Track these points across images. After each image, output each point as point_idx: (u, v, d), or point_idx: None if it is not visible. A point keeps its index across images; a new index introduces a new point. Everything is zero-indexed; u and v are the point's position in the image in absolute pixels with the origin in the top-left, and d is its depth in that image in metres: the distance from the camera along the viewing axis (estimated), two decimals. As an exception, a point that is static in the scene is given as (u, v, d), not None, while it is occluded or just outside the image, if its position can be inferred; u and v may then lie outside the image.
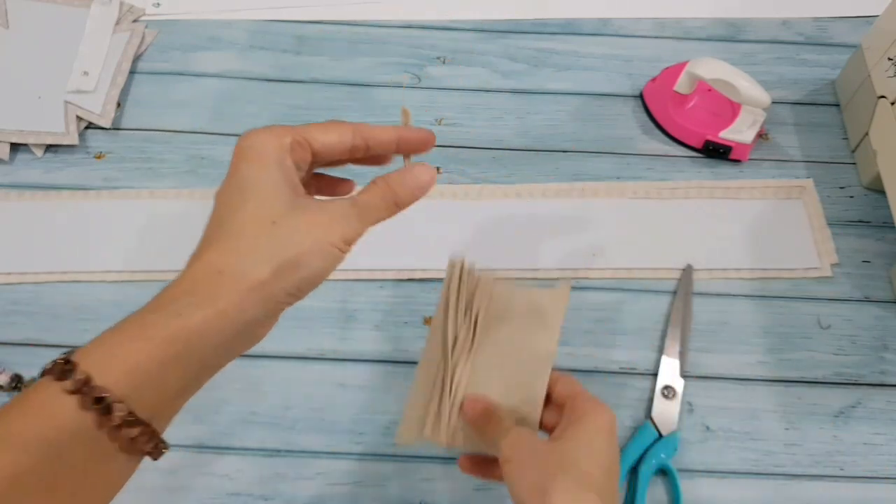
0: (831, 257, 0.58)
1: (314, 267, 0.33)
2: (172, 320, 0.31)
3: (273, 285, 0.32)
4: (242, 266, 0.32)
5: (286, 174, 0.34)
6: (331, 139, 0.36)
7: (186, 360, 0.31)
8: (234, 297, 0.32)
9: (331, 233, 0.34)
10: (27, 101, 0.64)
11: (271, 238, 0.33)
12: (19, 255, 0.57)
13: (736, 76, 0.58)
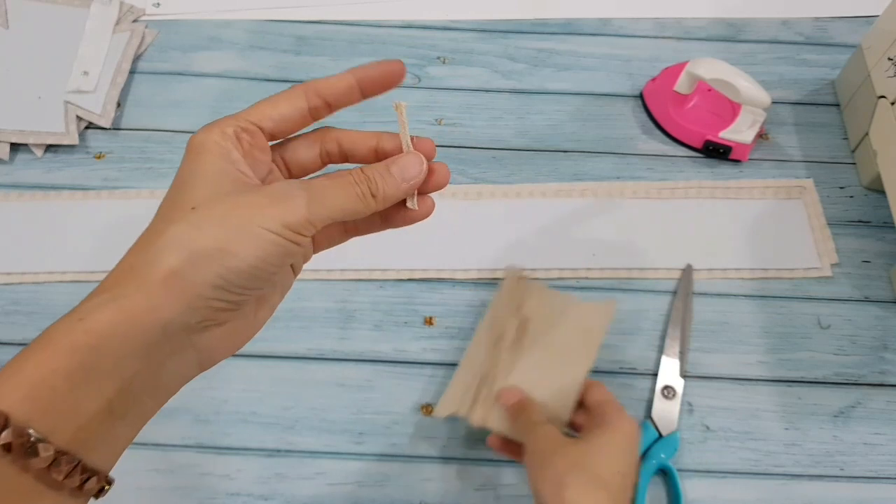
0: (831, 257, 0.58)
1: (243, 255, 0.28)
2: (76, 325, 0.27)
3: (189, 277, 0.27)
4: (151, 257, 0.28)
5: (227, 164, 0.30)
6: (281, 110, 0.32)
7: (98, 372, 0.27)
8: (141, 292, 0.27)
9: (265, 215, 0.29)
10: (27, 101, 0.64)
11: (188, 224, 0.28)
12: (19, 255, 0.57)
13: (736, 76, 0.58)
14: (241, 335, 0.32)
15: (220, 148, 0.30)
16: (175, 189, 0.30)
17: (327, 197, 0.30)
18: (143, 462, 0.49)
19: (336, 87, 0.34)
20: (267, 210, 0.29)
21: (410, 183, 0.32)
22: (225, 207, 0.29)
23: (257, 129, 0.31)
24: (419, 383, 0.53)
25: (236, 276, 0.28)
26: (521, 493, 0.49)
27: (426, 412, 0.52)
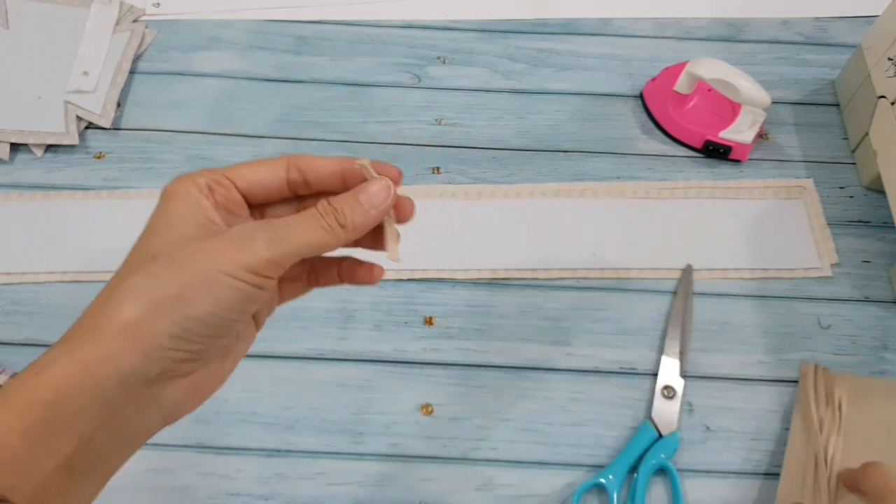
0: (831, 257, 0.58)
1: (200, 303, 0.27)
2: (32, 380, 0.26)
3: (145, 326, 0.27)
4: (109, 308, 0.27)
5: (195, 210, 0.30)
6: (259, 174, 0.32)
7: (55, 428, 0.26)
8: (96, 343, 0.27)
9: (224, 259, 0.28)
10: (27, 101, 0.64)
11: (146, 273, 0.28)
12: (19, 255, 0.57)
13: (736, 76, 0.58)
14: (205, 387, 0.31)
15: (189, 196, 0.30)
16: (141, 238, 0.30)
17: (291, 233, 0.29)
18: (143, 462, 0.49)
19: (320, 169, 0.33)
20: (226, 253, 0.28)
21: (379, 209, 0.32)
22: (184, 254, 0.28)
23: (231, 184, 0.31)
24: (419, 383, 0.53)
25: (194, 325, 0.28)
26: (521, 493, 0.49)
27: (426, 412, 0.52)
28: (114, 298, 0.28)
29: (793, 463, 0.48)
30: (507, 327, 0.55)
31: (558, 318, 0.55)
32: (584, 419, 0.51)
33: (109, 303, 0.28)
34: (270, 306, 0.35)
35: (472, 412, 0.52)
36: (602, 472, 0.49)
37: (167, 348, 0.27)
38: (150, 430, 0.30)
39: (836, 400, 0.50)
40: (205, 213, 0.30)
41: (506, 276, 0.56)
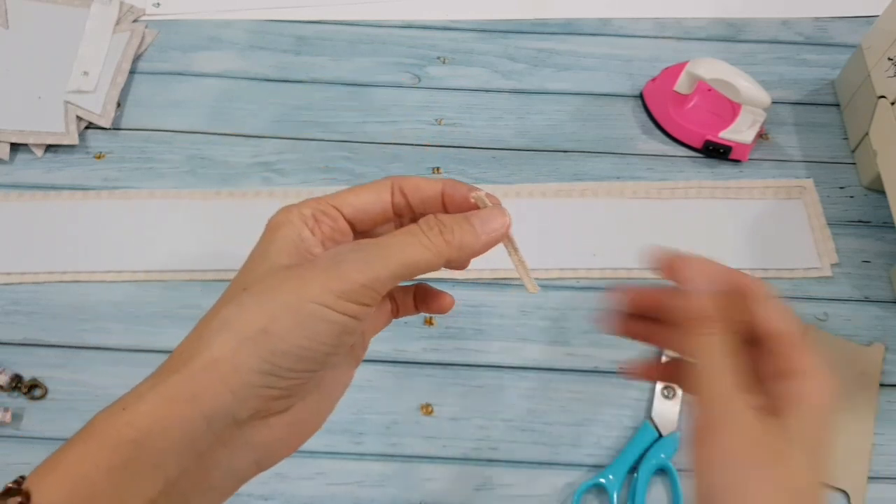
0: (831, 257, 0.58)
1: (290, 336, 0.25)
2: (119, 416, 0.25)
3: (231, 362, 0.25)
4: (199, 343, 0.26)
5: (295, 241, 0.28)
6: (364, 200, 0.30)
7: (141, 469, 0.25)
8: (183, 380, 0.25)
9: (312, 286, 0.26)
10: (27, 101, 0.64)
11: (236, 305, 0.26)
12: (19, 255, 0.57)
13: (736, 76, 0.58)
14: (304, 427, 0.29)
15: (292, 227, 0.28)
16: (240, 271, 0.29)
17: (386, 252, 0.27)
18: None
19: (423, 191, 0.31)
20: (317, 280, 0.26)
21: (491, 235, 0.30)
22: (273, 283, 0.26)
23: (338, 213, 0.29)
24: (419, 383, 0.53)
25: (284, 360, 0.26)
26: (520, 493, 0.49)
27: (426, 412, 0.52)
28: (206, 332, 0.26)
29: None
30: (507, 327, 0.55)
31: (558, 318, 0.55)
32: (584, 419, 0.51)
33: (200, 337, 0.26)
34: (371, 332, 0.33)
35: (472, 412, 0.52)
36: (602, 472, 0.49)
37: (257, 385, 0.26)
38: (243, 476, 0.28)
39: None
40: (305, 245, 0.28)
41: (506, 276, 0.56)
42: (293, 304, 0.26)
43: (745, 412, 0.28)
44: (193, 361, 0.26)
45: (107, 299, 0.55)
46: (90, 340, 0.54)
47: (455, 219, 0.29)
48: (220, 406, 0.25)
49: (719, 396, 0.28)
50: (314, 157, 0.62)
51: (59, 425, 0.51)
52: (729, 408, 0.28)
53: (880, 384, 0.53)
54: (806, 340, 0.31)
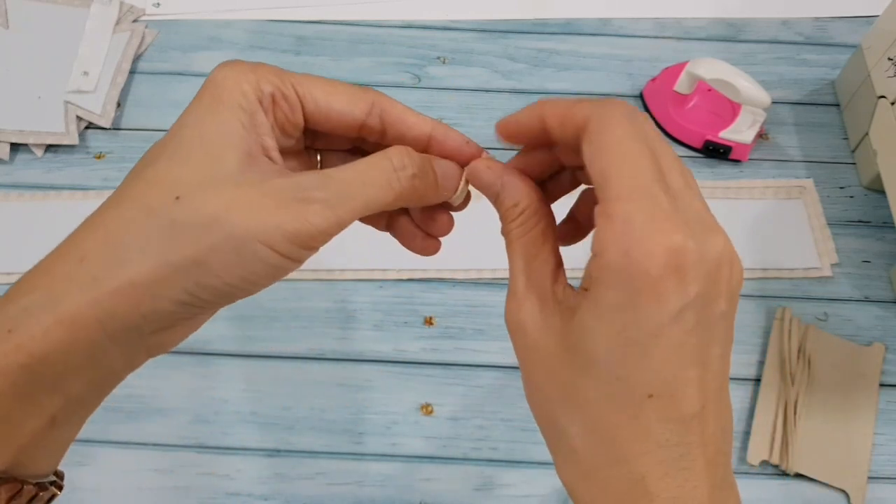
0: (831, 257, 0.58)
1: (223, 273, 0.22)
2: (6, 339, 0.23)
3: (150, 290, 0.22)
4: (109, 255, 0.23)
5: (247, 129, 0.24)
6: (334, 106, 0.26)
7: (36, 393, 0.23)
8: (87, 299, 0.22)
9: (264, 223, 0.22)
10: (27, 101, 0.64)
11: (168, 221, 0.22)
12: (19, 255, 0.57)
13: (736, 76, 0.58)
14: (196, 326, 0.27)
15: (246, 103, 0.24)
16: (167, 148, 0.24)
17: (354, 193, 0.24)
18: (143, 462, 0.49)
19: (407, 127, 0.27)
20: (272, 217, 0.22)
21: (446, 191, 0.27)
22: (219, 204, 0.22)
23: (299, 103, 0.25)
24: (419, 383, 0.53)
25: (207, 294, 0.23)
26: (520, 493, 0.49)
27: (426, 412, 0.52)
28: (118, 243, 0.23)
29: (764, 414, 0.51)
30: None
31: (558, 318, 0.55)
32: (584, 419, 0.51)
33: (110, 247, 0.23)
34: None
35: (472, 412, 0.52)
36: (602, 472, 0.49)
37: (172, 312, 0.23)
38: (135, 368, 0.26)
39: (806, 355, 0.52)
40: (258, 136, 0.24)
41: (506, 276, 0.56)
42: (239, 239, 0.22)
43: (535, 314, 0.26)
44: (103, 280, 0.23)
45: (107, 299, 0.55)
46: None
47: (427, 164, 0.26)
48: (127, 325, 0.23)
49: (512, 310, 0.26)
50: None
51: (59, 425, 0.51)
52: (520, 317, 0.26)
53: (880, 384, 0.53)
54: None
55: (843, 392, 0.52)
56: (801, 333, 0.54)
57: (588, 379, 0.22)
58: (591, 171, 0.24)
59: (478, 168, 0.29)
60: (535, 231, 0.28)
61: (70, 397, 0.24)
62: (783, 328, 0.54)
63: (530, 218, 0.28)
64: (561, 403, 0.23)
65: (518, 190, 0.29)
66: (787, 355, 0.52)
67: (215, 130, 0.24)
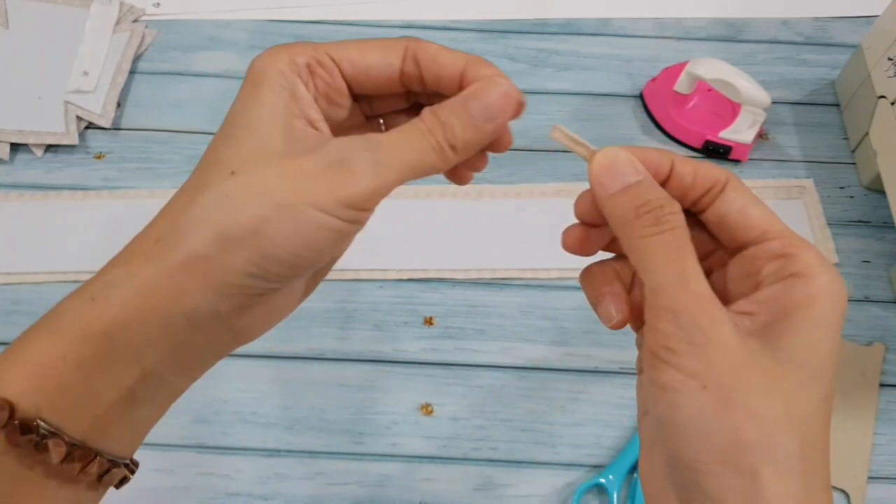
0: (831, 257, 0.58)
1: (284, 242, 0.23)
2: (87, 307, 0.24)
3: (216, 262, 0.23)
4: (177, 232, 0.24)
5: (289, 105, 0.24)
6: (369, 60, 0.25)
7: (115, 362, 0.24)
8: (161, 275, 0.23)
9: (317, 189, 0.23)
10: (27, 101, 0.64)
11: (221, 195, 0.23)
12: (19, 255, 0.57)
13: (736, 76, 0.58)
14: (283, 309, 0.27)
15: (284, 81, 0.24)
16: (220, 137, 0.25)
17: (396, 157, 0.24)
18: (143, 462, 0.49)
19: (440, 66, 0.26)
20: (319, 181, 0.23)
21: (495, 123, 0.25)
22: (269, 175, 0.23)
23: (335, 67, 0.25)
24: (419, 383, 0.53)
25: (274, 265, 0.24)
26: (520, 493, 0.49)
27: (426, 412, 0.52)
28: (184, 221, 0.24)
29: None
30: (507, 327, 0.55)
31: (558, 318, 0.55)
32: (584, 419, 0.51)
33: (179, 225, 0.24)
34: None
35: (472, 412, 0.52)
36: (602, 472, 0.49)
37: (242, 285, 0.24)
38: (222, 353, 0.27)
39: None
40: (301, 110, 0.24)
41: (506, 276, 0.57)
42: (292, 206, 0.23)
43: (727, 327, 0.22)
44: (171, 254, 0.23)
45: (107, 299, 0.55)
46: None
47: (455, 112, 0.25)
48: (201, 304, 0.24)
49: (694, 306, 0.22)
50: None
51: (59, 425, 0.51)
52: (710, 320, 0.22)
53: (880, 384, 0.53)
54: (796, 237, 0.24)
55: (843, 392, 0.52)
56: None
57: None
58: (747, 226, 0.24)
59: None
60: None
61: (147, 371, 0.24)
62: None
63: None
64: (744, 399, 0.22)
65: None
66: None
67: (259, 111, 0.24)
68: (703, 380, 0.22)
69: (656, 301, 0.23)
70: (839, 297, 0.23)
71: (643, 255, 0.24)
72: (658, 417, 0.23)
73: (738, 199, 0.25)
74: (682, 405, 0.22)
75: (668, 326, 0.23)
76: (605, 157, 0.25)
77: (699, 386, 0.22)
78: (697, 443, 0.22)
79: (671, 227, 0.24)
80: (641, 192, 0.24)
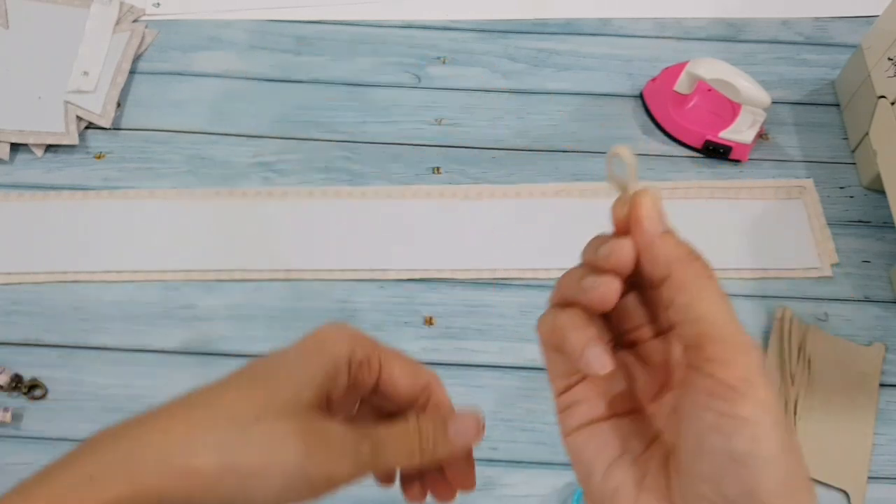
0: (831, 257, 0.58)
1: (268, 492, 0.26)
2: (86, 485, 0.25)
3: (210, 481, 0.25)
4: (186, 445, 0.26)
5: (327, 379, 0.28)
6: (402, 376, 0.30)
7: None
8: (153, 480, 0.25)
9: (314, 460, 0.26)
10: (27, 101, 0.64)
11: (239, 433, 0.26)
12: (19, 255, 0.57)
13: (736, 76, 0.58)
14: None
15: (337, 360, 0.28)
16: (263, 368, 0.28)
17: (388, 451, 0.29)
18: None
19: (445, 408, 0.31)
20: (323, 455, 0.27)
21: (465, 442, 0.30)
22: (273, 430, 0.26)
23: (378, 371, 0.29)
24: (419, 383, 0.53)
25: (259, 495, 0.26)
26: (521, 493, 0.49)
27: (426, 412, 0.52)
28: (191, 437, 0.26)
29: None
30: (507, 327, 0.55)
31: (558, 318, 0.55)
32: (584, 419, 0.51)
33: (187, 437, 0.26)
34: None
35: (472, 412, 0.52)
36: (602, 472, 0.49)
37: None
38: None
39: (806, 355, 0.52)
40: (335, 388, 0.28)
41: (506, 276, 0.56)
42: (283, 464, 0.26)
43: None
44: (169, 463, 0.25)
45: (107, 299, 0.55)
46: (90, 340, 0.54)
47: (437, 429, 0.29)
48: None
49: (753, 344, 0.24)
50: (314, 157, 0.62)
51: (58, 425, 0.51)
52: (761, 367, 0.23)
53: (880, 384, 0.53)
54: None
55: (843, 392, 0.52)
56: (802, 333, 0.53)
57: None
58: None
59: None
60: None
61: None
62: (783, 328, 0.54)
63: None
64: None
65: None
66: (787, 355, 0.52)
67: (304, 371, 0.27)
68: (776, 416, 0.23)
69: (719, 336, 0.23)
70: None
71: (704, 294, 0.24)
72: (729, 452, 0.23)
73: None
74: (762, 440, 0.22)
75: (743, 358, 0.23)
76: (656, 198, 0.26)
77: (773, 422, 0.22)
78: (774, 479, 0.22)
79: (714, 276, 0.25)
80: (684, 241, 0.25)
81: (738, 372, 0.23)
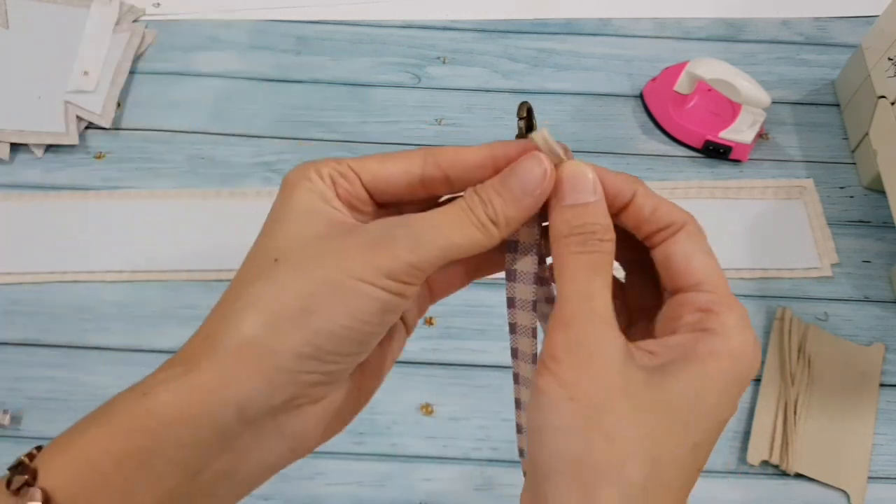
0: (831, 257, 0.58)
1: (333, 314, 0.23)
2: (138, 401, 0.23)
3: (269, 345, 0.23)
4: (227, 323, 0.24)
5: (321, 203, 0.25)
6: (389, 170, 0.26)
7: (157, 460, 0.23)
8: (211, 366, 0.23)
9: (359, 263, 0.23)
10: (27, 101, 0.64)
11: (267, 281, 0.24)
12: (19, 255, 0.57)
13: (736, 76, 0.58)
14: (341, 414, 0.27)
15: (313, 185, 0.26)
16: (261, 236, 0.26)
17: (436, 233, 0.24)
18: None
19: (464, 160, 0.26)
20: (360, 255, 0.24)
21: (535, 195, 0.25)
22: (311, 256, 0.24)
23: (356, 176, 0.26)
24: (419, 383, 0.53)
25: (326, 341, 0.23)
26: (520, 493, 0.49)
27: (426, 412, 0.52)
28: (232, 312, 0.24)
29: (765, 413, 0.51)
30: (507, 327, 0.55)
31: (558, 318, 0.55)
32: (584, 419, 0.51)
33: (227, 317, 0.24)
34: (421, 309, 0.30)
35: (472, 412, 0.52)
36: (602, 472, 0.49)
37: (295, 371, 0.23)
38: (274, 466, 0.26)
39: (806, 355, 0.53)
40: (330, 205, 0.26)
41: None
42: (336, 280, 0.23)
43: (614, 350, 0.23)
44: (222, 344, 0.23)
45: (107, 299, 0.55)
46: (91, 340, 0.54)
47: (495, 189, 0.25)
48: (253, 395, 0.23)
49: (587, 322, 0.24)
50: (314, 157, 0.61)
51: (59, 425, 0.51)
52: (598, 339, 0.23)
53: (880, 384, 0.53)
54: (731, 298, 0.25)
55: (843, 392, 0.52)
56: (802, 333, 0.54)
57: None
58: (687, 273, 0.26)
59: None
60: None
61: (189, 472, 0.24)
62: (783, 328, 0.54)
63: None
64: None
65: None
66: (787, 355, 0.52)
67: (297, 210, 0.25)
68: (573, 392, 0.23)
69: (557, 311, 0.24)
70: (743, 362, 0.24)
71: (562, 269, 0.25)
72: (528, 420, 0.24)
73: (687, 245, 0.26)
74: (548, 411, 0.23)
75: (558, 335, 0.23)
76: (573, 169, 0.26)
77: (568, 396, 0.22)
78: (553, 450, 0.23)
79: (594, 251, 0.25)
80: (585, 214, 0.25)
81: (549, 347, 0.24)
